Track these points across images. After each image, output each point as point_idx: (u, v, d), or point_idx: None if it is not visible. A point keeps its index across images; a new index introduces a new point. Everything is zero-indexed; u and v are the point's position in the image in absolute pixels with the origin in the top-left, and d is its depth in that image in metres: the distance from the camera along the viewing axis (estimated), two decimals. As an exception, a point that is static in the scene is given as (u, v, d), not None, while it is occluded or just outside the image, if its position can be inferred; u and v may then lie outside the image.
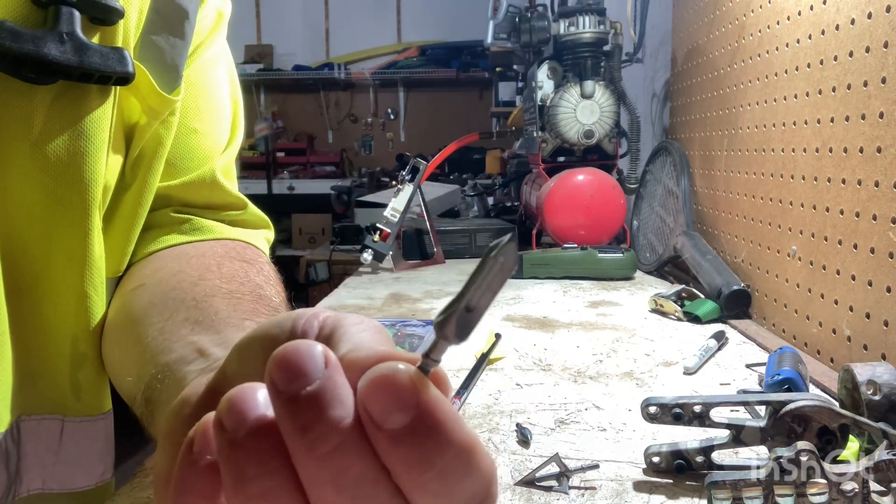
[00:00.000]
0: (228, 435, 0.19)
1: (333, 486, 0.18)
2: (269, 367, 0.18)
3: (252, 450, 0.18)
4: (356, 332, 0.22)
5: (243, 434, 0.18)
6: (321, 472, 0.18)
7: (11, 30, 0.36)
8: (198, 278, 0.43)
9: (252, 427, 0.18)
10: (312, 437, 0.18)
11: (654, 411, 0.50)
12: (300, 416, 0.18)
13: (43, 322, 0.44)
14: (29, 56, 0.36)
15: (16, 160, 0.39)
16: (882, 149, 0.64)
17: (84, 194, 0.42)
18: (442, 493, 0.18)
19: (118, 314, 0.46)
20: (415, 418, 0.17)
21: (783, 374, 0.62)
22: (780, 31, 0.86)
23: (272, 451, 0.18)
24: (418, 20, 4.48)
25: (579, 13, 1.36)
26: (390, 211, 1.33)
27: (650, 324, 0.92)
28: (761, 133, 0.92)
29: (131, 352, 0.40)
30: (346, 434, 0.18)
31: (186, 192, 0.52)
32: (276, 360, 0.18)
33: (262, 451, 0.18)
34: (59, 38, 0.37)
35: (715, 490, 0.43)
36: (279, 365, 0.18)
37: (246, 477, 0.18)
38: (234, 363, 0.25)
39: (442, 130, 4.06)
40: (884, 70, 0.64)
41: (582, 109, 1.35)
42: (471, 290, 0.17)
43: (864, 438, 0.47)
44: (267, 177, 3.78)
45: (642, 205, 1.41)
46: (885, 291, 0.64)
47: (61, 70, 0.38)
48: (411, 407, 0.17)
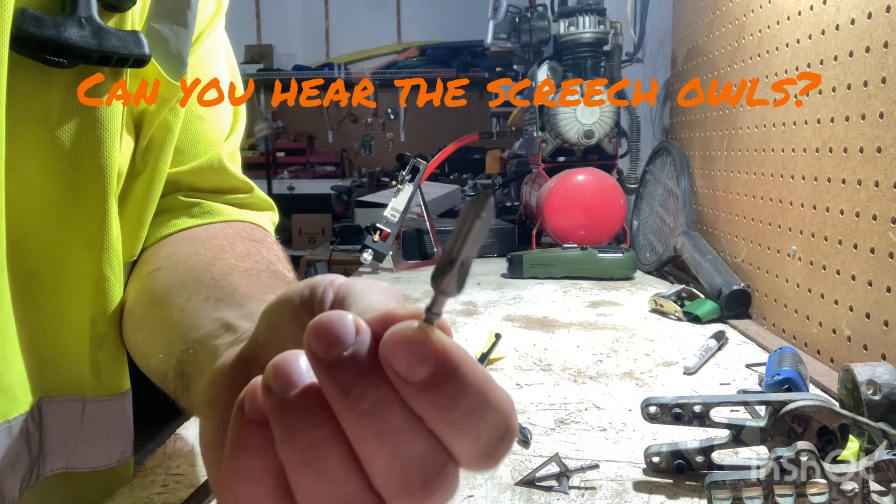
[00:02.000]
0: (277, 396, 0.21)
1: (376, 437, 0.20)
2: (307, 337, 0.20)
3: (299, 408, 0.20)
4: (365, 296, 0.24)
5: (290, 395, 0.20)
6: (364, 426, 0.20)
7: (33, 16, 0.37)
8: (213, 258, 0.45)
9: (296, 389, 0.20)
10: (353, 397, 0.20)
11: (654, 411, 0.50)
12: (339, 380, 0.20)
13: (62, 306, 0.45)
14: (52, 41, 0.38)
15: (33, 146, 0.40)
16: (882, 149, 0.64)
17: (100, 180, 0.43)
18: (470, 427, 0.20)
19: (139, 296, 0.47)
20: (435, 368, 0.19)
21: (783, 374, 0.62)
22: (780, 31, 0.86)
23: (317, 407, 0.20)
24: (418, 20, 4.48)
25: (579, 13, 1.36)
26: (390, 211, 1.33)
27: (650, 324, 0.92)
28: (761, 133, 0.92)
29: (157, 331, 0.42)
30: (382, 391, 0.20)
31: (195, 178, 0.53)
32: (313, 331, 0.20)
33: (308, 408, 0.20)
34: (79, 22, 0.39)
35: (715, 490, 0.43)
36: (316, 334, 0.20)
37: (296, 431, 0.20)
38: (263, 330, 0.28)
39: (442, 130, 4.06)
40: (884, 70, 0.64)
41: (582, 109, 1.35)
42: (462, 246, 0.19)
43: (864, 438, 0.47)
44: (267, 177, 3.78)
45: (642, 205, 1.41)
46: (885, 291, 0.64)
47: (82, 54, 0.39)
48: (430, 359, 0.19)
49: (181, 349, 0.36)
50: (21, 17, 0.37)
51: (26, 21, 0.37)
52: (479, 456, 0.20)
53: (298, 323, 0.25)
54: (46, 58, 0.38)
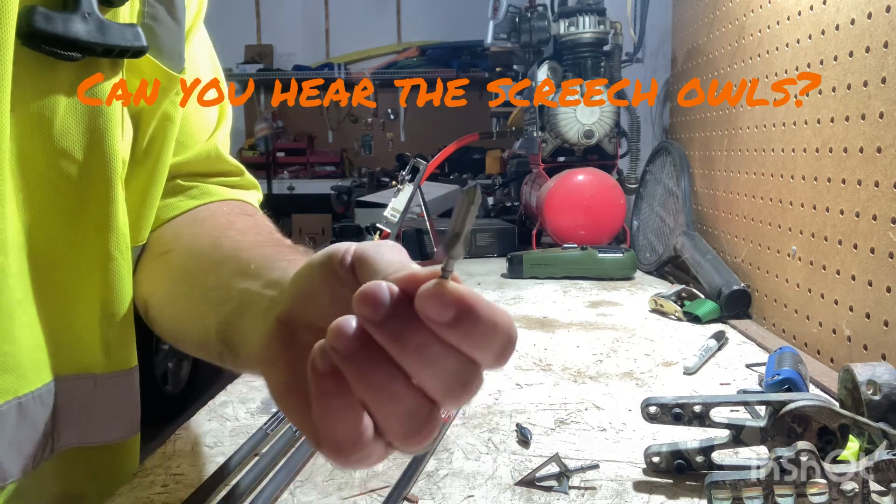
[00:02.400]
0: (342, 352, 0.26)
1: (424, 364, 0.26)
2: (356, 304, 0.26)
3: (361, 358, 0.26)
4: (381, 255, 0.30)
5: (352, 350, 0.26)
6: (413, 359, 0.26)
7: (44, 13, 0.40)
8: (218, 236, 0.49)
9: (355, 344, 0.26)
10: (401, 342, 0.26)
11: (654, 411, 0.50)
12: (388, 331, 0.26)
13: (74, 288, 0.47)
14: (62, 37, 0.40)
15: (45, 137, 0.43)
16: (882, 149, 0.64)
17: (106, 168, 0.46)
18: (487, 343, 0.26)
19: (159, 277, 0.51)
20: (456, 311, 0.25)
21: (783, 374, 0.62)
22: (780, 31, 0.86)
23: (374, 354, 0.26)
24: (418, 20, 4.48)
25: (579, 13, 1.36)
26: (390, 211, 1.33)
27: (650, 324, 0.92)
28: (761, 133, 0.92)
29: (186, 308, 0.47)
30: (421, 332, 0.26)
31: (193, 166, 0.58)
32: (359, 299, 0.26)
33: (368, 357, 0.26)
34: (83, 18, 0.42)
35: (715, 490, 0.43)
36: (363, 302, 0.26)
37: (363, 375, 0.26)
38: (296, 294, 0.33)
39: (442, 130, 4.06)
40: (884, 70, 0.64)
41: (582, 109, 1.35)
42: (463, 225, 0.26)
43: (864, 438, 0.47)
44: (267, 177, 3.79)
45: (642, 205, 1.41)
46: (885, 291, 0.64)
47: (88, 47, 0.42)
48: (451, 305, 0.25)
49: (217, 321, 0.41)
50: (32, 15, 0.39)
51: (38, 19, 0.39)
52: (494, 359, 0.27)
53: (327, 285, 0.32)
54: (56, 52, 0.41)
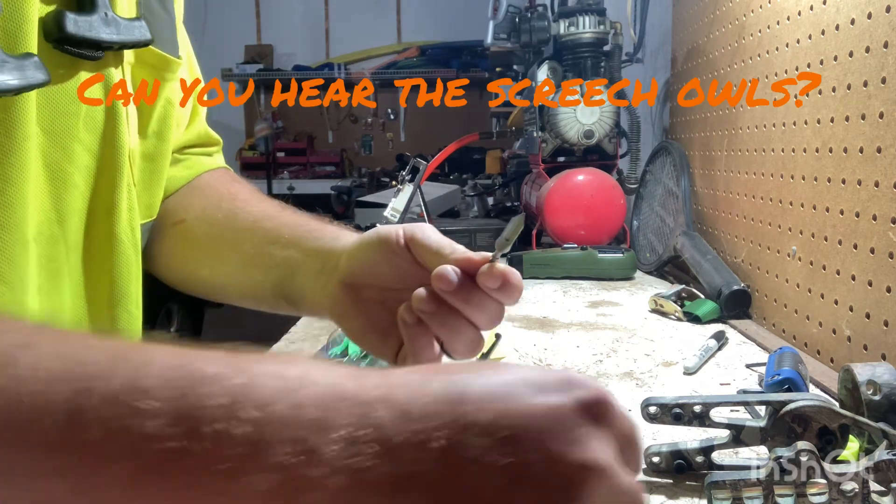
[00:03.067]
0: (427, 311, 0.43)
1: (481, 312, 0.43)
2: (434, 280, 0.42)
3: (442, 313, 0.43)
4: (427, 235, 0.45)
5: (433, 309, 0.43)
6: (475, 311, 0.43)
7: (73, 18, 0.42)
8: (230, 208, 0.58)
9: (434, 306, 0.43)
10: (470, 304, 0.42)
11: (654, 411, 0.50)
12: (458, 296, 0.42)
13: (87, 269, 0.49)
14: (92, 40, 0.43)
15: (74, 128, 0.45)
16: (882, 149, 0.64)
17: (117, 155, 0.49)
18: (514, 297, 0.42)
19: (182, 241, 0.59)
20: (502, 282, 0.41)
21: (783, 374, 0.62)
22: (780, 31, 0.86)
23: (446, 309, 0.43)
24: (418, 20, 4.47)
25: (579, 13, 1.36)
26: (390, 211, 1.33)
27: (650, 324, 0.92)
28: (761, 133, 0.92)
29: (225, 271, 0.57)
30: (479, 295, 0.42)
31: (186, 141, 0.65)
32: (437, 277, 0.42)
33: (444, 311, 0.43)
34: (104, 19, 0.44)
35: (715, 490, 0.43)
36: (439, 280, 0.41)
37: (443, 322, 0.43)
38: (356, 265, 0.47)
39: (442, 130, 4.06)
40: (884, 70, 0.64)
41: (582, 109, 1.35)
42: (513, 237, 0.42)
43: (864, 438, 0.47)
44: (267, 177, 3.78)
45: (642, 205, 1.41)
46: (885, 291, 0.64)
47: (108, 47, 0.45)
48: (499, 278, 0.41)
49: (271, 282, 0.52)
50: (63, 20, 0.42)
51: (69, 23, 0.42)
52: (513, 303, 0.43)
53: (384, 257, 0.46)
54: (83, 53, 0.44)
